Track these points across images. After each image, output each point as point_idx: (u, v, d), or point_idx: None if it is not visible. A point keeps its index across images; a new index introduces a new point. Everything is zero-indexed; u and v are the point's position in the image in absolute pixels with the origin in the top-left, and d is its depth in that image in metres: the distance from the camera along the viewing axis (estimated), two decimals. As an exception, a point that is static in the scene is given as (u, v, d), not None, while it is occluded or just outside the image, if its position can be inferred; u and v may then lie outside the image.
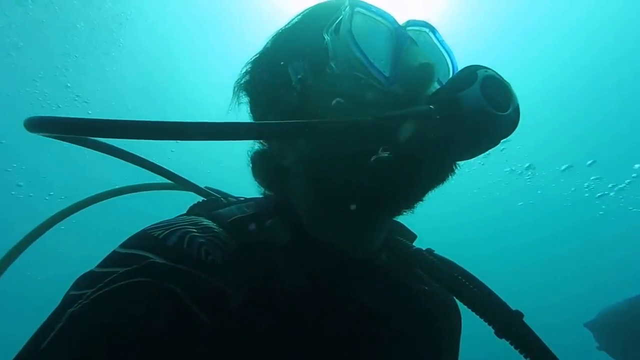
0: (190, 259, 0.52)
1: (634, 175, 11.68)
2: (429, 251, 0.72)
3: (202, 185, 0.91)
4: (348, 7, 0.61)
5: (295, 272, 0.60)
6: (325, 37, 0.62)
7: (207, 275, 0.52)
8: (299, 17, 0.72)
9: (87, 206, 0.93)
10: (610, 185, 12.36)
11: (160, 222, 0.59)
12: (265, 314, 0.56)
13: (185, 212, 0.73)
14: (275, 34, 0.73)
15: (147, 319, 0.46)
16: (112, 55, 10.37)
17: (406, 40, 0.62)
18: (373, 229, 0.68)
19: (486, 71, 0.56)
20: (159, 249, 0.52)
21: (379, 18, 0.64)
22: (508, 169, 12.25)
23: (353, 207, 0.63)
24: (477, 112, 0.53)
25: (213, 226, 0.59)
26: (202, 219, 0.61)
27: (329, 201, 0.65)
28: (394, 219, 0.72)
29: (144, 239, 0.54)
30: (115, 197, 0.98)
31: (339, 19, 0.62)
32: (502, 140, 0.58)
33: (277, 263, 0.59)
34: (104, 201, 0.96)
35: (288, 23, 0.72)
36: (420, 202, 0.64)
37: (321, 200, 0.66)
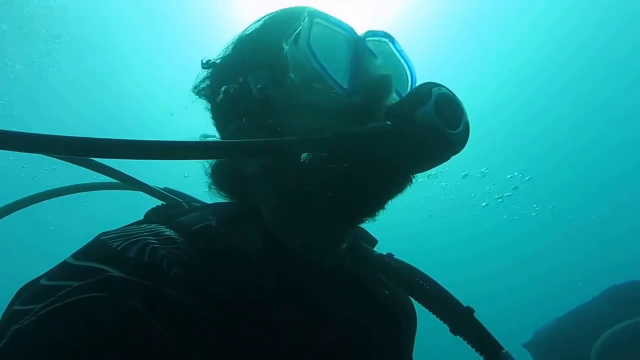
0: (152, 273, 0.49)
1: (513, 187, 12.97)
2: (390, 256, 0.74)
3: (157, 186, 0.85)
4: (307, 18, 0.61)
5: (264, 280, 0.58)
6: (285, 47, 0.62)
7: (170, 289, 0.48)
8: (260, 22, 0.71)
9: (23, 207, 0.87)
10: (496, 196, 13.60)
11: (117, 231, 0.54)
12: (234, 325, 0.53)
13: (141, 218, 0.67)
14: (236, 40, 0.72)
15: (106, 338, 0.42)
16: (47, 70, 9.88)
17: (365, 51, 0.64)
18: (336, 237, 0.69)
19: (440, 89, 0.58)
20: (117, 261, 0.48)
21: (337, 29, 0.64)
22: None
23: (316, 216, 0.64)
24: (430, 129, 0.56)
25: (175, 236, 0.56)
26: (162, 228, 0.57)
27: (292, 210, 0.65)
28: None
29: (100, 250, 0.50)
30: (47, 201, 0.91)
31: (298, 30, 0.62)
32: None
33: (244, 272, 0.57)
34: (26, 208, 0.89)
35: (248, 28, 0.72)
36: (382, 210, 0.65)
37: (285, 209, 0.65)
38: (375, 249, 0.80)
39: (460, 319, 0.66)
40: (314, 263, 0.66)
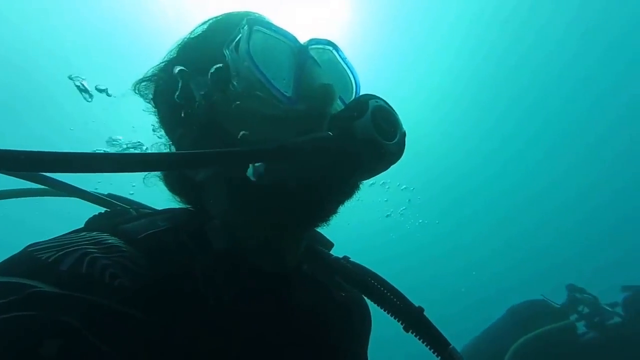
0: (91, 285, 0.44)
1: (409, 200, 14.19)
2: (346, 258, 0.76)
3: (102, 192, 0.80)
4: (246, 27, 0.60)
5: (218, 288, 0.57)
6: (226, 54, 0.61)
7: (113, 302, 0.44)
8: (205, 26, 0.70)
9: None
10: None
11: (49, 241, 0.49)
12: (186, 335, 0.51)
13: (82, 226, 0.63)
14: (181, 43, 0.71)
15: None
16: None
17: (308, 60, 0.64)
18: (290, 242, 0.69)
19: (377, 102, 0.60)
20: (47, 274, 0.43)
21: (279, 37, 0.64)
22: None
23: (267, 223, 0.64)
24: (367, 141, 0.57)
25: (120, 244, 0.52)
26: (105, 235, 0.53)
27: (244, 217, 0.65)
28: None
29: (26, 263, 0.45)
30: None
31: (239, 37, 0.61)
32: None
33: (197, 280, 0.55)
34: None
35: (194, 31, 0.71)
36: (334, 214, 0.66)
37: (237, 216, 0.65)
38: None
39: (411, 318, 0.68)
40: (270, 268, 0.66)
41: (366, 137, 0.57)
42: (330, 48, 0.72)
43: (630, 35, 13.29)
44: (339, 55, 0.73)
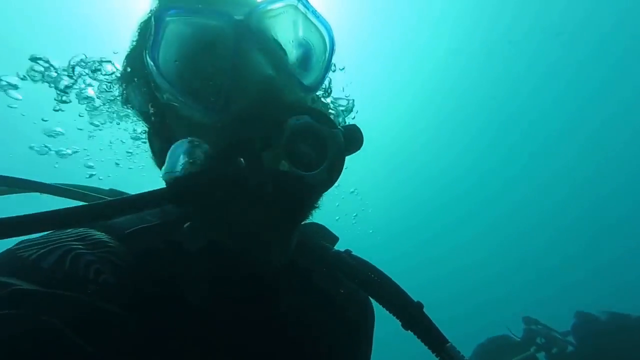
0: (73, 282, 0.43)
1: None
2: (347, 252, 0.71)
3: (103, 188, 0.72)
4: (153, 25, 0.50)
5: (204, 284, 0.55)
6: (145, 59, 0.53)
7: (96, 298, 0.43)
8: (157, 2, 0.61)
9: None
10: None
11: (33, 239, 0.47)
12: (170, 333, 0.50)
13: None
14: (139, 26, 0.63)
15: None
16: None
17: (244, 41, 0.53)
18: (265, 242, 0.61)
19: (298, 120, 0.50)
20: (28, 272, 0.42)
21: (204, 20, 0.53)
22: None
23: (238, 226, 0.57)
24: (280, 175, 0.50)
25: (106, 239, 0.50)
26: (92, 231, 0.51)
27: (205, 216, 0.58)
28: (315, 222, 0.69)
29: (7, 262, 0.43)
30: None
31: (151, 38, 0.51)
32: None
33: (184, 276, 0.53)
34: None
35: (143, 16, 0.63)
36: (315, 209, 0.61)
37: (202, 215, 0.58)
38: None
39: (410, 314, 0.65)
40: (259, 264, 0.62)
41: (277, 172, 0.50)
42: (295, 3, 0.59)
43: (629, 29, 13.28)
44: (305, 8, 0.60)
